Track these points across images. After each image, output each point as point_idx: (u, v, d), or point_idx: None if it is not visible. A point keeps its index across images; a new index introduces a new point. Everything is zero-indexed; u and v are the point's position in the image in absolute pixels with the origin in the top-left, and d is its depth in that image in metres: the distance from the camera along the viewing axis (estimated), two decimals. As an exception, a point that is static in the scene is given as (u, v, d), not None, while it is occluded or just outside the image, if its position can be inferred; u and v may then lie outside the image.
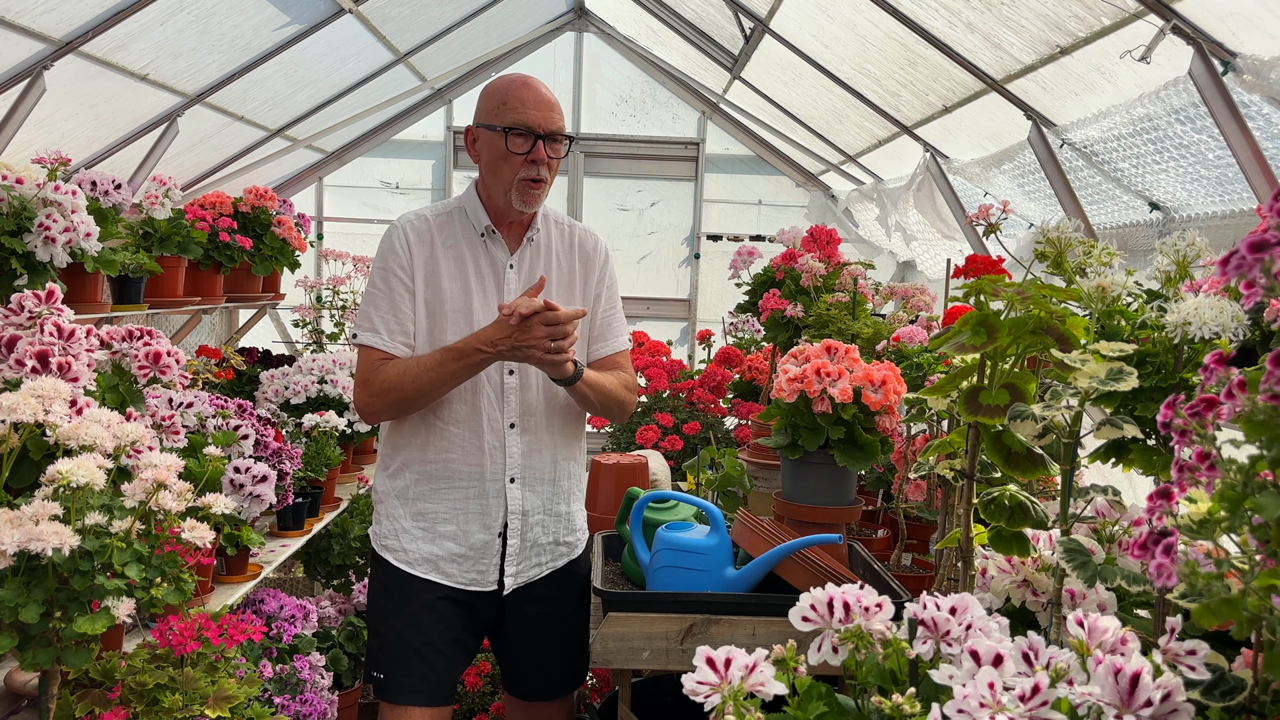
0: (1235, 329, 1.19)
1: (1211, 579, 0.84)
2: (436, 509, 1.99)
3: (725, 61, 5.02)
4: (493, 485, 1.99)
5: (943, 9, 2.90)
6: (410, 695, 1.94)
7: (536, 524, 2.04)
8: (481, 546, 1.99)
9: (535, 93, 1.94)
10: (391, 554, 2.02)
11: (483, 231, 2.01)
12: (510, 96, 1.92)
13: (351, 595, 3.58)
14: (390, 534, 2.02)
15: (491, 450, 1.98)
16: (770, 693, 0.99)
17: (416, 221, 2.01)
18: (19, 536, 1.32)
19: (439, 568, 1.99)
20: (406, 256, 1.97)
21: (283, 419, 3.34)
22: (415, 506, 2.00)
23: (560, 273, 2.06)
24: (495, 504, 1.99)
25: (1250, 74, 2.01)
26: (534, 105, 1.92)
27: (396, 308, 1.96)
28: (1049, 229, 1.51)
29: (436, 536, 1.99)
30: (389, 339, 1.96)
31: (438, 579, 1.99)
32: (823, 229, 3.10)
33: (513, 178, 1.93)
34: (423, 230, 1.99)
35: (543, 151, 1.92)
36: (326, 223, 5.66)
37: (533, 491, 2.03)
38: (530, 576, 2.05)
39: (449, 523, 1.99)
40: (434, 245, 1.99)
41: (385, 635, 1.99)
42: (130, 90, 3.35)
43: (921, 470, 1.85)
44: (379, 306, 1.97)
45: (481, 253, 2.01)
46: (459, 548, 1.99)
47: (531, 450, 2.01)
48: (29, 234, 2.15)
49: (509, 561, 2.01)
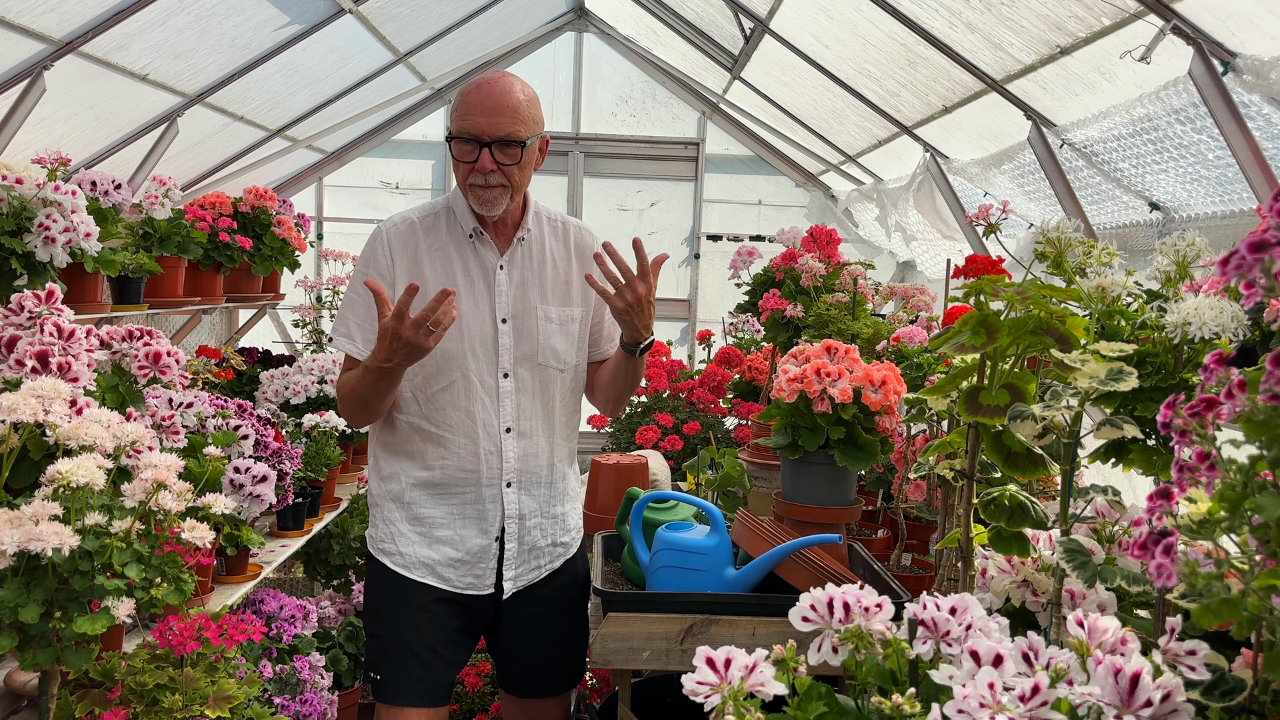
0: (1235, 329, 1.19)
1: (1211, 579, 0.84)
2: (433, 514, 1.98)
3: (725, 61, 5.02)
4: (489, 490, 1.98)
5: (943, 9, 2.90)
6: (407, 696, 1.94)
7: (534, 527, 2.04)
8: (479, 551, 1.99)
9: (486, 96, 1.84)
10: (388, 557, 2.01)
11: (470, 233, 1.97)
12: (462, 100, 1.87)
13: (351, 595, 3.58)
14: (387, 537, 2.01)
15: (488, 455, 1.97)
16: (770, 693, 0.99)
17: (401, 225, 1.98)
18: (19, 536, 1.32)
19: (436, 572, 1.99)
20: (388, 263, 1.95)
21: (283, 419, 3.34)
22: (412, 511, 1.99)
23: (555, 272, 2.03)
24: (492, 509, 1.98)
25: (1250, 74, 2.01)
26: (480, 110, 1.84)
27: (372, 315, 1.92)
28: (1049, 229, 1.51)
29: (434, 542, 1.98)
30: (363, 345, 1.95)
31: (435, 583, 1.98)
32: (823, 229, 3.10)
33: (465, 184, 1.91)
34: (406, 234, 1.97)
35: (488, 160, 1.84)
36: (326, 223, 5.66)
37: (529, 495, 2.02)
38: (530, 580, 2.05)
39: (446, 528, 1.98)
40: (418, 249, 1.96)
41: (381, 637, 1.99)
42: (130, 90, 3.35)
43: (921, 470, 1.85)
44: (355, 312, 1.97)
45: (470, 255, 1.98)
46: (456, 553, 1.98)
47: (528, 454, 2.00)
48: (29, 234, 2.15)
49: (507, 565, 2.00)
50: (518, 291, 1.98)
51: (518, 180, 1.90)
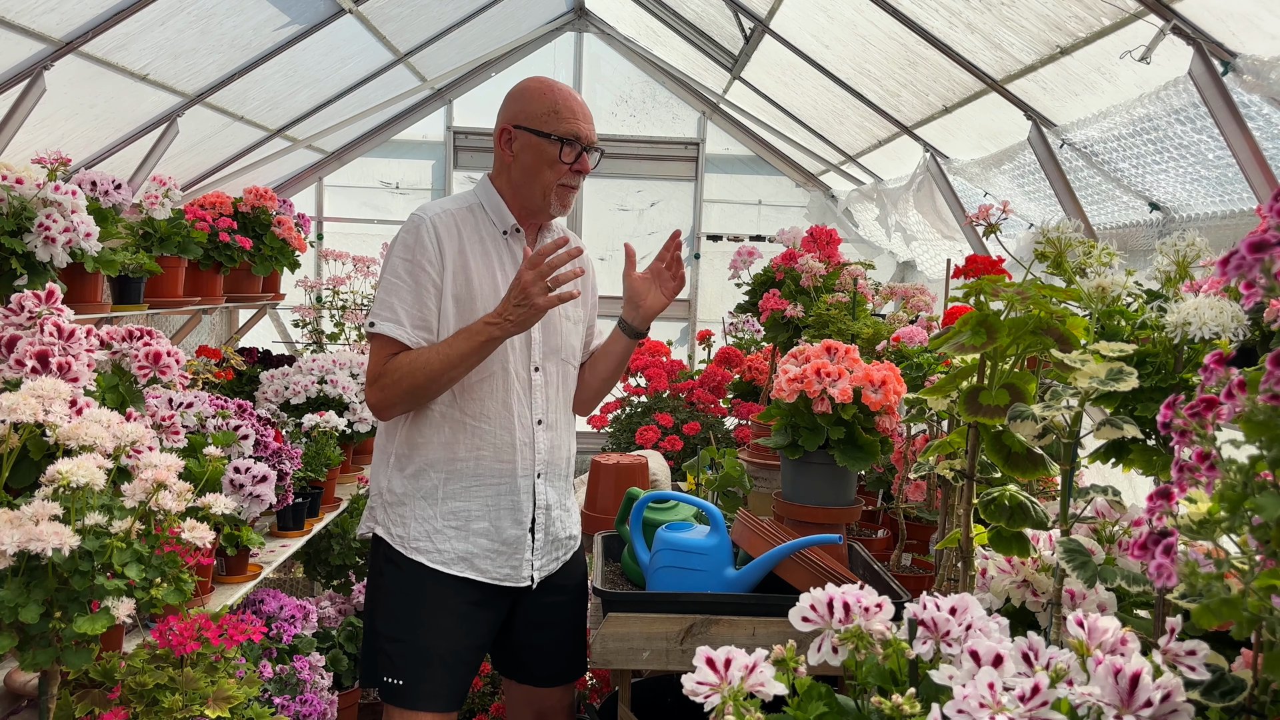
0: (1235, 329, 1.19)
1: (1211, 579, 0.84)
2: (469, 507, 1.99)
3: (725, 61, 5.02)
4: (524, 481, 2.02)
5: (943, 9, 2.90)
6: (430, 701, 1.94)
7: (556, 518, 2.10)
8: (514, 541, 2.01)
9: (580, 106, 2.00)
10: (425, 555, 1.98)
11: (506, 230, 2.02)
12: (562, 106, 1.97)
13: (351, 595, 3.58)
14: (422, 535, 1.99)
15: (522, 447, 2.01)
16: (770, 693, 0.99)
17: (443, 215, 1.98)
18: (19, 536, 1.32)
19: (474, 564, 1.99)
20: (435, 251, 1.94)
21: (283, 419, 3.34)
22: (446, 506, 1.99)
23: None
24: (525, 500, 2.02)
25: (1250, 74, 2.01)
26: (584, 118, 1.99)
27: (421, 301, 1.93)
28: (1049, 229, 1.51)
29: (470, 534, 1.99)
30: (411, 331, 1.92)
31: (473, 575, 1.99)
32: (823, 229, 3.10)
33: (554, 183, 1.98)
34: (449, 225, 1.97)
35: (587, 163, 2.00)
36: (326, 223, 5.66)
37: (553, 486, 2.09)
38: (550, 570, 2.10)
39: (482, 519, 2.00)
40: (462, 240, 1.98)
41: (406, 640, 1.96)
42: (130, 90, 3.35)
43: (921, 470, 1.85)
44: (402, 297, 1.93)
45: (505, 250, 2.02)
46: (492, 544, 2.00)
47: (554, 446, 2.07)
48: (29, 234, 2.15)
49: (536, 555, 2.05)
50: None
51: None
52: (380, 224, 5.62)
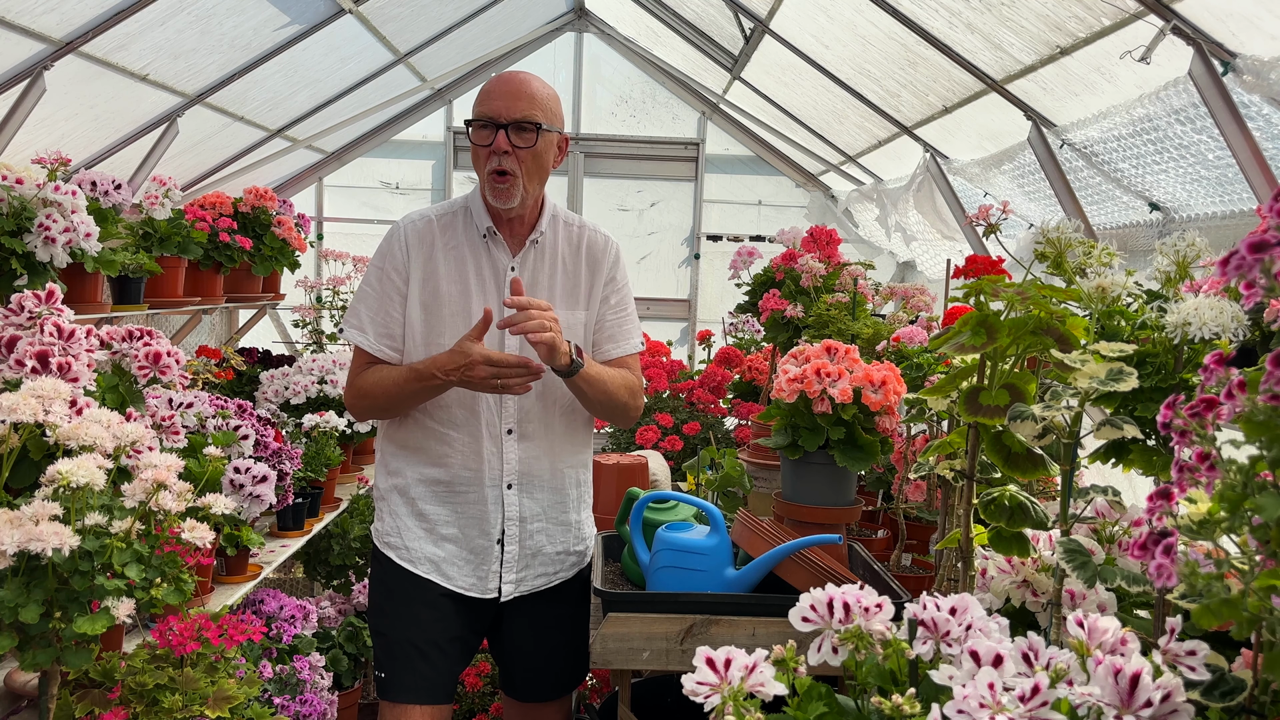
0: (1235, 329, 1.19)
1: (1211, 579, 0.84)
2: (438, 512, 1.99)
3: (725, 62, 5.02)
4: (491, 491, 1.98)
5: (943, 9, 2.90)
6: (411, 694, 1.94)
7: (538, 531, 2.03)
8: (481, 551, 1.99)
9: (505, 83, 1.89)
10: (394, 551, 2.01)
11: (484, 233, 1.98)
12: (486, 90, 1.91)
13: (351, 595, 3.58)
14: (393, 531, 2.02)
15: (489, 456, 1.97)
16: (770, 693, 0.99)
17: (419, 222, 2.00)
18: (19, 536, 1.32)
19: (440, 569, 1.99)
20: (403, 258, 1.96)
21: (283, 419, 3.34)
22: (417, 508, 2.00)
23: (565, 277, 2.03)
24: (494, 510, 1.99)
25: (1250, 74, 2.01)
26: (499, 95, 1.88)
27: (386, 310, 1.96)
28: (1049, 229, 1.51)
29: (439, 539, 1.99)
30: (375, 341, 1.96)
31: (439, 580, 1.99)
32: (823, 229, 3.10)
33: (483, 172, 1.92)
34: (424, 231, 1.98)
35: (504, 140, 1.86)
36: (326, 223, 5.66)
37: (531, 498, 2.01)
38: (535, 586, 2.04)
39: (450, 526, 1.99)
40: (434, 247, 1.97)
41: (386, 634, 1.99)
42: (130, 90, 3.35)
43: (921, 470, 1.85)
44: (369, 304, 1.98)
45: (483, 255, 1.98)
46: (460, 550, 1.99)
47: (529, 456, 2.00)
48: (29, 234, 2.15)
49: (507, 569, 2.00)
50: (527, 294, 1.97)
51: (531, 168, 1.90)
52: (380, 224, 5.61)
